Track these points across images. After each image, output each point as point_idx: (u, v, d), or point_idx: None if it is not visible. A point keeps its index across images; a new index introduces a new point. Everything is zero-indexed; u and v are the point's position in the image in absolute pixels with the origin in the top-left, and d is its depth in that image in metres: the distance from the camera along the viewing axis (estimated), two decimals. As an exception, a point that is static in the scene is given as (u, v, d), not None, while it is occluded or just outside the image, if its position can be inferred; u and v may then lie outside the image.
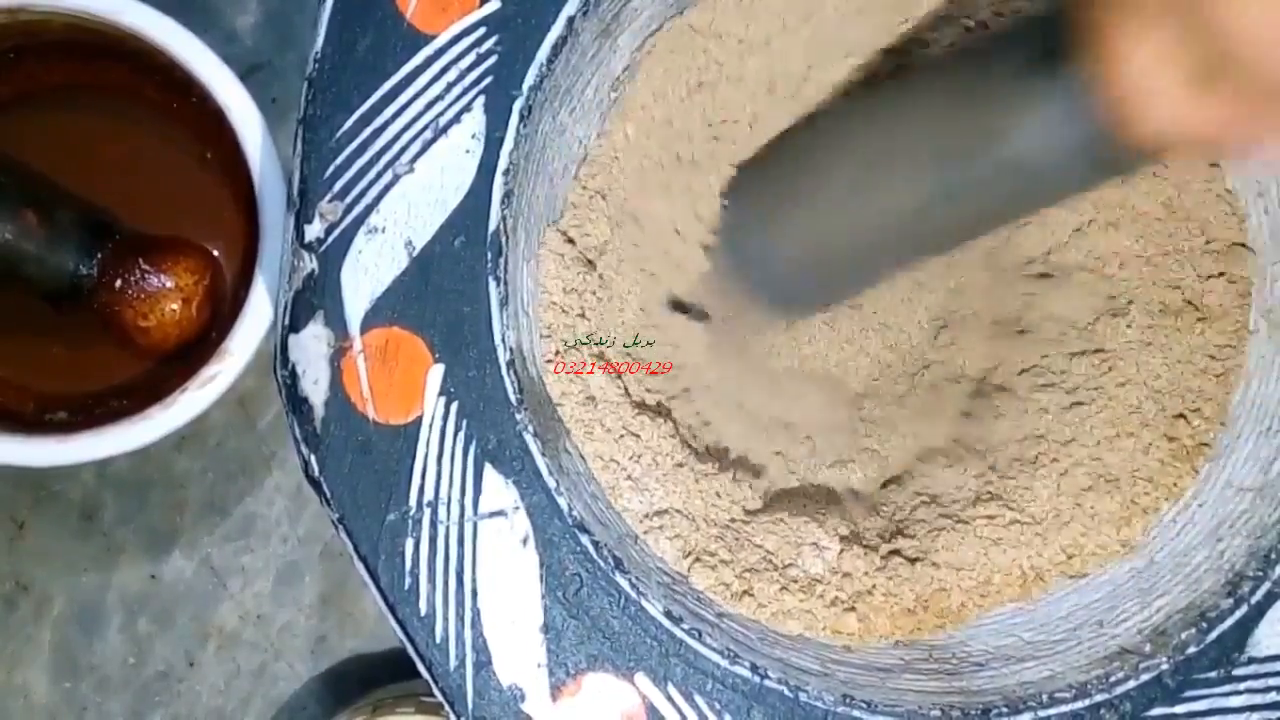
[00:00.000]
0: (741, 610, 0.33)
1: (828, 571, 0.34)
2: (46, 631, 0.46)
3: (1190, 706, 0.32)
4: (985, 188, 0.29)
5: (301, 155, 0.31)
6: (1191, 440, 0.35)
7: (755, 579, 0.34)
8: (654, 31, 0.35)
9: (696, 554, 0.33)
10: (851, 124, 0.33)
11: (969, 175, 0.29)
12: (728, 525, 0.34)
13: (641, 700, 0.30)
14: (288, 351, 0.31)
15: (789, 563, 0.34)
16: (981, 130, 0.28)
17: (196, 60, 0.38)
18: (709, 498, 0.34)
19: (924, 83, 0.32)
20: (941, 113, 0.29)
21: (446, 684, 0.30)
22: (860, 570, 0.34)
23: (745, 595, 0.33)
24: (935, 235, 0.31)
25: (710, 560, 0.33)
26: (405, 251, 0.31)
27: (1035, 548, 0.35)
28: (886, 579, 0.34)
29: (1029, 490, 0.35)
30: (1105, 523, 0.35)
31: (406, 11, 0.31)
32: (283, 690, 0.47)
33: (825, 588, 0.34)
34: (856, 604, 0.34)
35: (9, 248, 0.37)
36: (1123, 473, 0.35)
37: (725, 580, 0.33)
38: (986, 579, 0.35)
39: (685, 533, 0.34)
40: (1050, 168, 0.27)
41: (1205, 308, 0.36)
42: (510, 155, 0.31)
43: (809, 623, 0.33)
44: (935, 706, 0.32)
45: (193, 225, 0.42)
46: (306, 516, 0.47)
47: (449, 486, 0.30)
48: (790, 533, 0.35)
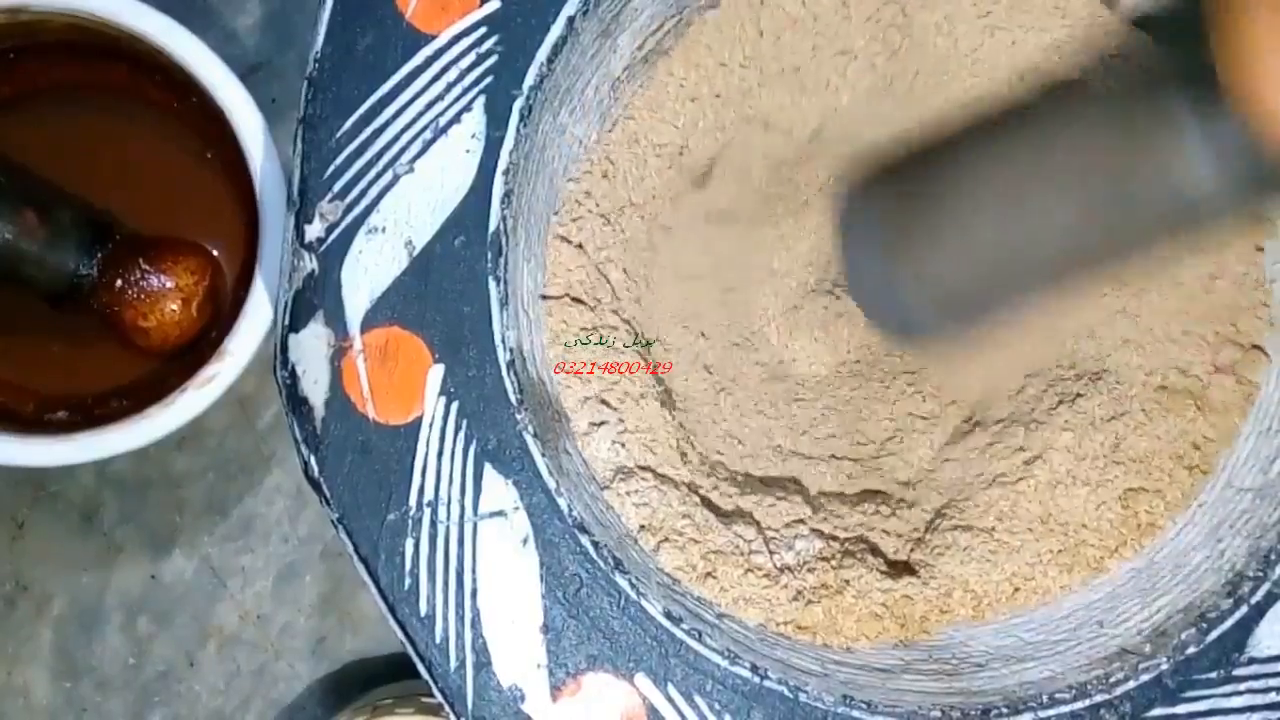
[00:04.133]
0: (704, 593, 0.33)
1: (797, 564, 0.34)
2: (46, 631, 0.46)
3: (1190, 707, 0.32)
4: (1137, 217, 0.28)
5: (301, 155, 0.31)
6: (1147, 516, 0.35)
7: (720, 561, 0.34)
8: (654, 32, 0.35)
9: (665, 533, 0.33)
10: (1008, 151, 0.32)
11: (1123, 204, 0.28)
12: (698, 505, 0.34)
13: (641, 700, 0.30)
14: (288, 351, 0.31)
15: (756, 550, 0.34)
16: (1135, 160, 0.28)
17: (196, 60, 0.38)
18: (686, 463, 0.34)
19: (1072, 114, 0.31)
20: (1098, 140, 0.29)
21: (446, 684, 0.30)
22: (829, 568, 0.34)
23: (709, 577, 0.33)
24: (1084, 262, 0.30)
25: (678, 540, 0.33)
26: (405, 251, 0.31)
27: (999, 566, 0.35)
28: (857, 580, 0.34)
29: (992, 511, 0.36)
30: (1051, 564, 0.35)
31: (406, 11, 0.31)
32: (283, 690, 0.47)
33: (791, 579, 0.34)
34: (822, 601, 0.34)
35: (9, 248, 0.37)
36: (1072, 523, 0.35)
37: (692, 561, 0.33)
38: (947, 592, 0.35)
39: (654, 503, 0.34)
40: (1208, 196, 0.27)
41: (1205, 400, 0.35)
42: (510, 155, 0.31)
43: (768, 612, 0.33)
44: (935, 707, 0.31)
45: (193, 225, 0.42)
46: (306, 516, 0.47)
47: (449, 486, 0.30)
48: (764, 519, 0.35)
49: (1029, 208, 0.30)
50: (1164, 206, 0.28)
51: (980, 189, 0.31)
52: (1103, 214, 0.29)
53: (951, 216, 0.32)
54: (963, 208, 0.31)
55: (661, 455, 0.35)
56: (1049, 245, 0.30)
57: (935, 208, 0.32)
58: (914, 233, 0.33)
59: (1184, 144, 0.27)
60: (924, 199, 0.33)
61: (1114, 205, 0.28)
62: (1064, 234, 0.30)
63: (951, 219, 0.32)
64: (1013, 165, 0.31)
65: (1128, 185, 0.28)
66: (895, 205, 0.34)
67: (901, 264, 0.33)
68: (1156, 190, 0.28)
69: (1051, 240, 0.30)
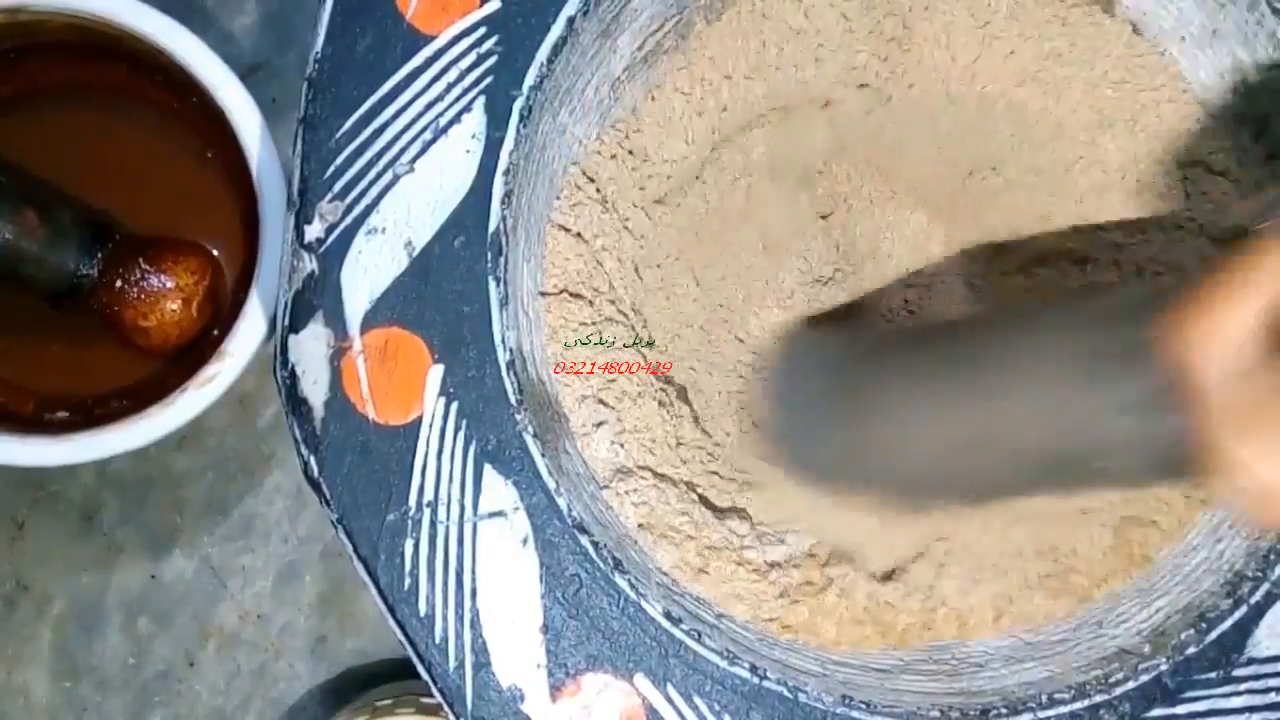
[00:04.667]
0: (699, 589, 0.33)
1: (785, 561, 0.34)
2: (46, 631, 0.46)
3: (1190, 707, 0.32)
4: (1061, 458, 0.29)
5: (301, 155, 0.31)
6: (1140, 549, 0.35)
7: (714, 556, 0.34)
8: (654, 32, 0.35)
9: (662, 530, 0.33)
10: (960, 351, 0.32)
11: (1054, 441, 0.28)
12: (695, 502, 0.34)
13: (641, 701, 0.30)
14: (288, 352, 0.31)
15: (749, 545, 0.34)
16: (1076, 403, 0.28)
17: (197, 60, 0.38)
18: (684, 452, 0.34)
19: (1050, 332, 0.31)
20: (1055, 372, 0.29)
21: (446, 684, 0.30)
22: (815, 565, 0.34)
23: (702, 573, 0.33)
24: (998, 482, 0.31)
25: (675, 537, 0.33)
26: (405, 252, 0.31)
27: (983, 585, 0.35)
28: (842, 578, 0.34)
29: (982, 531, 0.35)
30: (1036, 590, 0.35)
31: (406, 12, 0.31)
32: (283, 690, 0.47)
33: (779, 575, 0.34)
34: (806, 599, 0.34)
35: (9, 248, 0.38)
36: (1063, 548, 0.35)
37: (686, 558, 0.33)
38: (932, 608, 0.35)
39: (653, 501, 0.34)
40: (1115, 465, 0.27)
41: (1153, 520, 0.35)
42: (510, 155, 0.31)
43: (755, 608, 0.33)
44: (934, 707, 0.31)
45: (193, 225, 0.42)
46: (306, 516, 0.47)
47: (449, 487, 0.30)
48: (758, 514, 0.35)
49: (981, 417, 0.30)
50: (1084, 448, 0.28)
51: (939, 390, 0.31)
52: (1039, 438, 0.29)
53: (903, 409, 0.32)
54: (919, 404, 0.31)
55: (661, 455, 0.35)
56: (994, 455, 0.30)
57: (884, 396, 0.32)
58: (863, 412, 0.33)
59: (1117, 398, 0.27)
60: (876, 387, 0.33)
61: (1049, 434, 0.28)
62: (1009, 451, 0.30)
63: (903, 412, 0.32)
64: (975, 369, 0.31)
65: (1064, 417, 0.28)
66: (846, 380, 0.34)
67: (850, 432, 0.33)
68: (1082, 432, 0.28)
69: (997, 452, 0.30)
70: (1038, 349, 0.29)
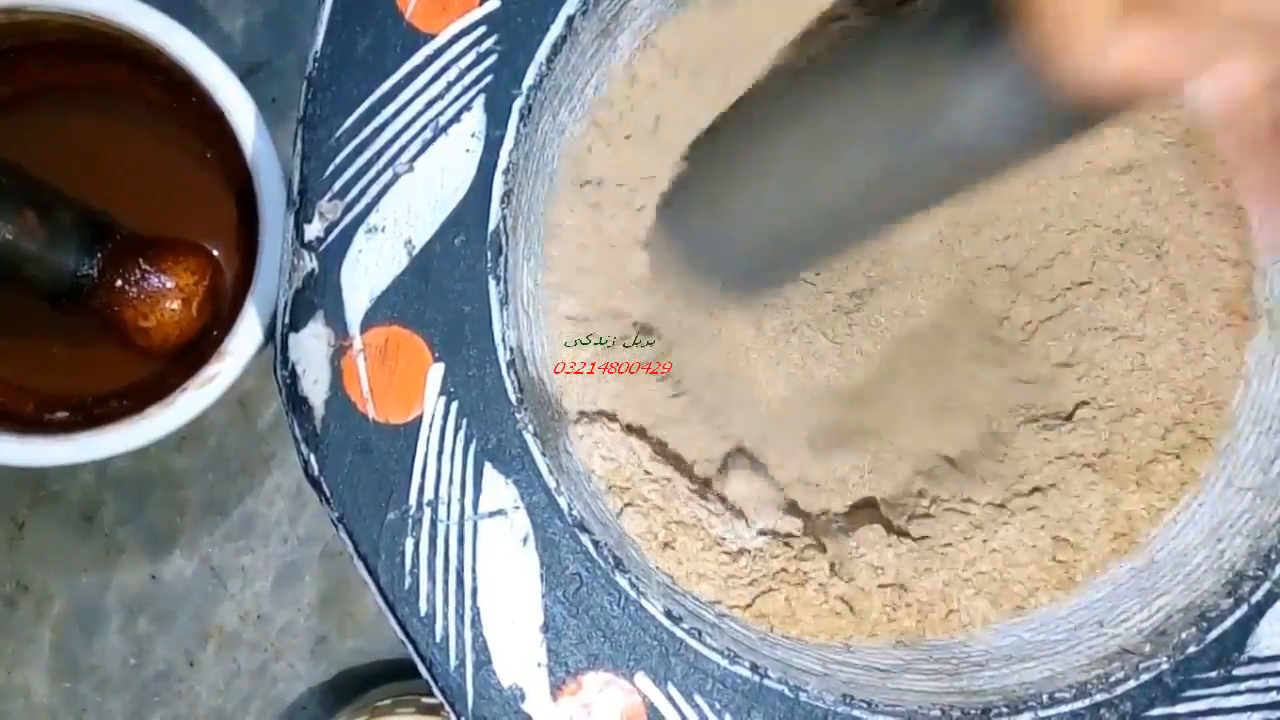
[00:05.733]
0: (661, 564, 0.33)
1: (758, 549, 0.34)
2: (46, 631, 0.46)
3: (1190, 706, 0.32)
4: (930, 163, 0.29)
5: (301, 155, 0.31)
6: (1065, 571, 0.35)
7: (681, 532, 0.34)
8: (654, 31, 0.35)
9: (630, 498, 0.33)
10: (793, 102, 0.33)
11: (913, 152, 0.28)
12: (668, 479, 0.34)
13: (642, 700, 0.30)
14: (288, 351, 0.31)
15: (720, 528, 0.34)
16: (923, 106, 0.28)
17: (196, 60, 0.38)
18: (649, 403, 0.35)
19: (865, 59, 0.31)
20: (883, 90, 0.29)
21: (446, 684, 0.30)
22: (790, 555, 0.34)
23: (667, 548, 0.33)
24: (884, 212, 0.31)
25: (643, 506, 0.33)
26: (405, 251, 0.31)
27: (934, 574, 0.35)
28: (819, 571, 0.34)
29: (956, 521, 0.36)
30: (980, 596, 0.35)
31: (406, 11, 0.31)
32: (283, 690, 0.47)
33: (751, 561, 0.34)
34: (782, 587, 0.34)
35: (9, 248, 0.37)
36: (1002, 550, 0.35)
37: (654, 529, 0.33)
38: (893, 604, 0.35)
39: (621, 458, 0.34)
40: (993, 137, 0.27)
41: (1146, 476, 0.35)
42: (510, 154, 0.31)
43: (721, 590, 0.33)
44: (935, 706, 0.31)
45: (193, 225, 0.42)
46: (306, 516, 0.47)
47: (449, 486, 0.30)
48: (737, 494, 0.35)
49: (818, 163, 0.30)
50: (947, 146, 0.28)
51: (778, 145, 0.32)
52: (895, 159, 0.29)
53: (752, 171, 0.32)
54: (761, 162, 0.32)
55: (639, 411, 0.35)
56: (842, 202, 0.30)
57: (735, 170, 0.33)
58: (720, 193, 0.33)
59: (962, 86, 0.27)
60: (725, 161, 0.33)
61: (905, 149, 0.29)
62: (862, 183, 0.30)
63: (752, 173, 0.32)
64: (807, 117, 0.31)
65: (915, 127, 0.28)
66: (707, 167, 0.35)
67: (717, 222, 0.33)
68: (939, 130, 0.28)
69: (844, 196, 0.30)
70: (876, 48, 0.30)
